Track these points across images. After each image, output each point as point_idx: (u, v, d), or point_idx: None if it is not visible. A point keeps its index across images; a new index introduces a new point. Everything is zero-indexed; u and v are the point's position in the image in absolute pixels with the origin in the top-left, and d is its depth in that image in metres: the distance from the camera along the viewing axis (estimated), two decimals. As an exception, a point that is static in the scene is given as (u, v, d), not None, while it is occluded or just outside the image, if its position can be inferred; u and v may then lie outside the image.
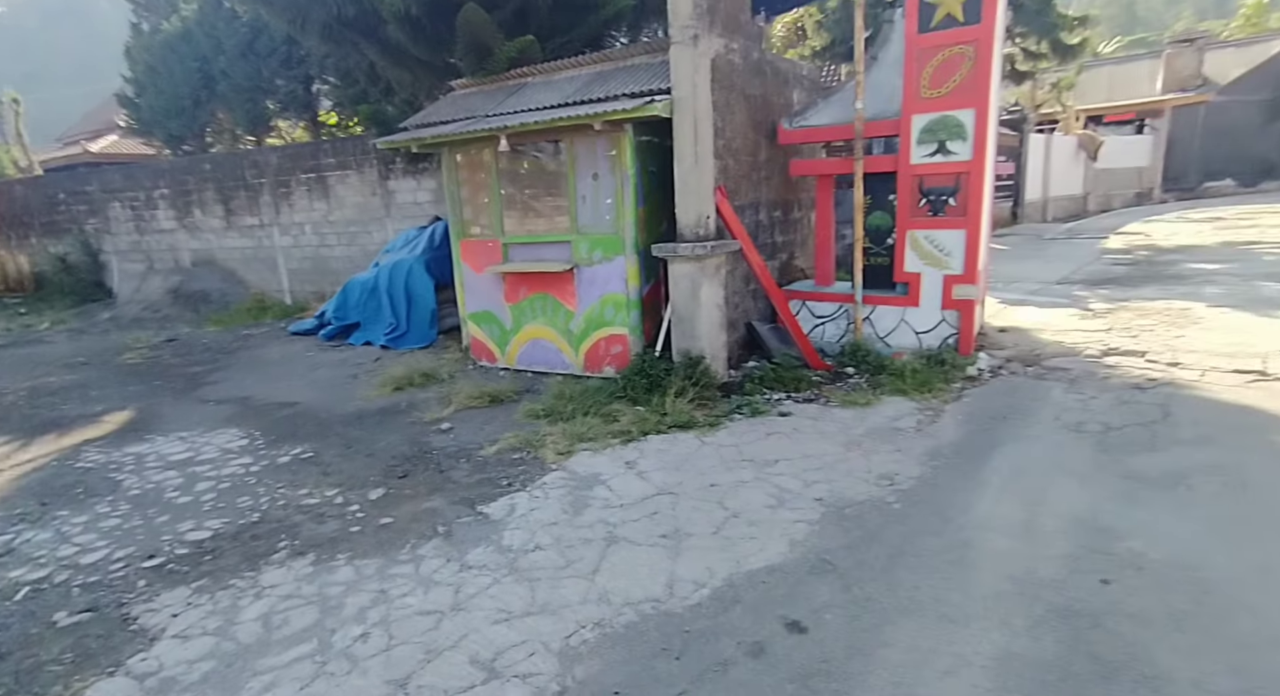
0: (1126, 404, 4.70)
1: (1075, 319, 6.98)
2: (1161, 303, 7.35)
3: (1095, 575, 2.74)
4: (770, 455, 4.32)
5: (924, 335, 6.31)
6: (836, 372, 6.12)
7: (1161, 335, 6.08)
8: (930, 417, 4.84)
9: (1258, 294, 7.33)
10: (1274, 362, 5.10)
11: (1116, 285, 8.62)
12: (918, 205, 6.11)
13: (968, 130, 5.73)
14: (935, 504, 3.51)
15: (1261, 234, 12.97)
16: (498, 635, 2.61)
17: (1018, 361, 5.87)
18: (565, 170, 6.08)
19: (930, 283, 6.16)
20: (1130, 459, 3.84)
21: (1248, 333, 5.87)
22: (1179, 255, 11.04)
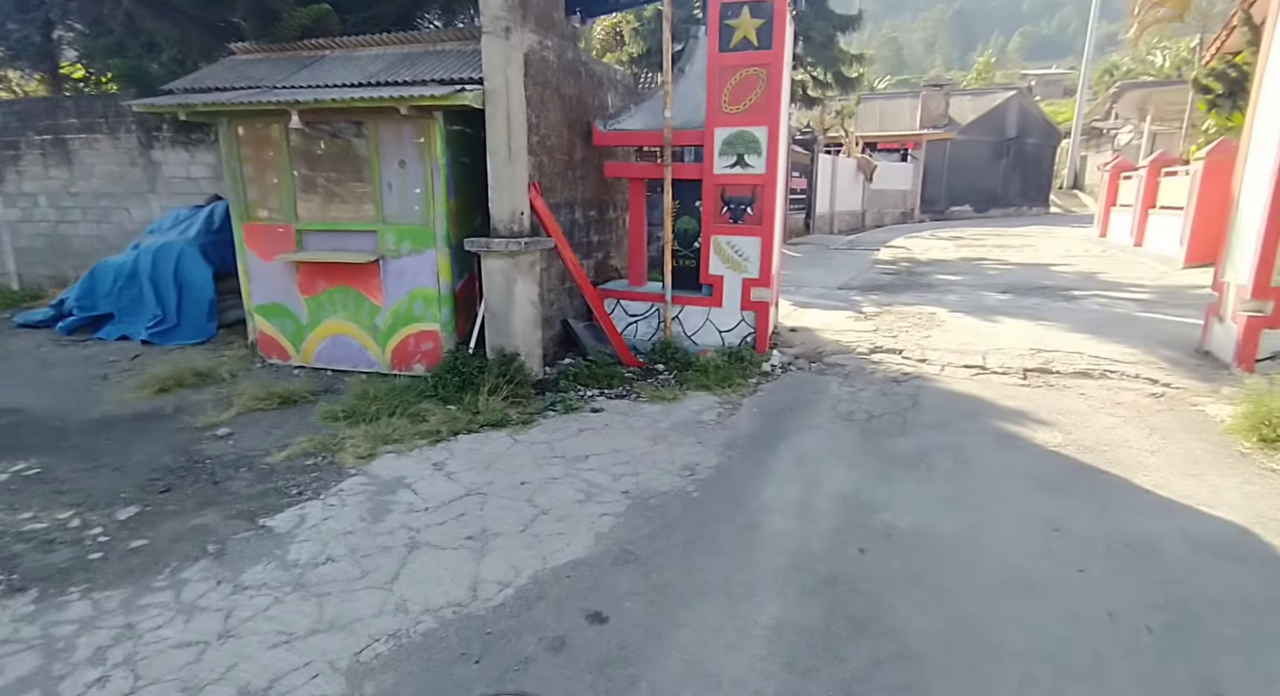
0: (886, 395, 5.44)
1: (851, 320, 7.93)
2: (916, 308, 8.60)
3: (855, 545, 3.14)
4: (582, 451, 4.39)
5: (726, 334, 6.79)
6: (648, 369, 6.37)
7: (914, 336, 7.12)
8: (729, 411, 5.22)
9: (983, 302, 8.87)
10: (991, 359, 6.20)
11: (883, 291, 9.95)
12: (720, 212, 6.56)
13: (762, 146, 6.25)
14: (729, 491, 3.80)
15: (987, 252, 15.69)
16: (275, 660, 2.37)
17: (804, 358, 6.54)
18: (369, 155, 5.68)
19: (731, 285, 6.64)
20: (887, 442, 4.45)
21: (974, 334, 7.08)
22: (931, 267, 13.00)
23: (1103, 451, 4.20)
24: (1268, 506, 3.44)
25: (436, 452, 4.35)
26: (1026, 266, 12.76)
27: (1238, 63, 12.00)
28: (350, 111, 5.47)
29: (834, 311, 8.51)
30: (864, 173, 24.40)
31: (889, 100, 32.64)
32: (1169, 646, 2.40)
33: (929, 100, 28.83)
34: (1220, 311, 5.93)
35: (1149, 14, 16.63)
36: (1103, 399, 5.19)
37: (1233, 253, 5.85)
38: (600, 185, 7.29)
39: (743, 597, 2.75)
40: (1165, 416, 4.79)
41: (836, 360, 6.45)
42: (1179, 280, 10.43)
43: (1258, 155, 5.65)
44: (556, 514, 3.52)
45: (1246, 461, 4.01)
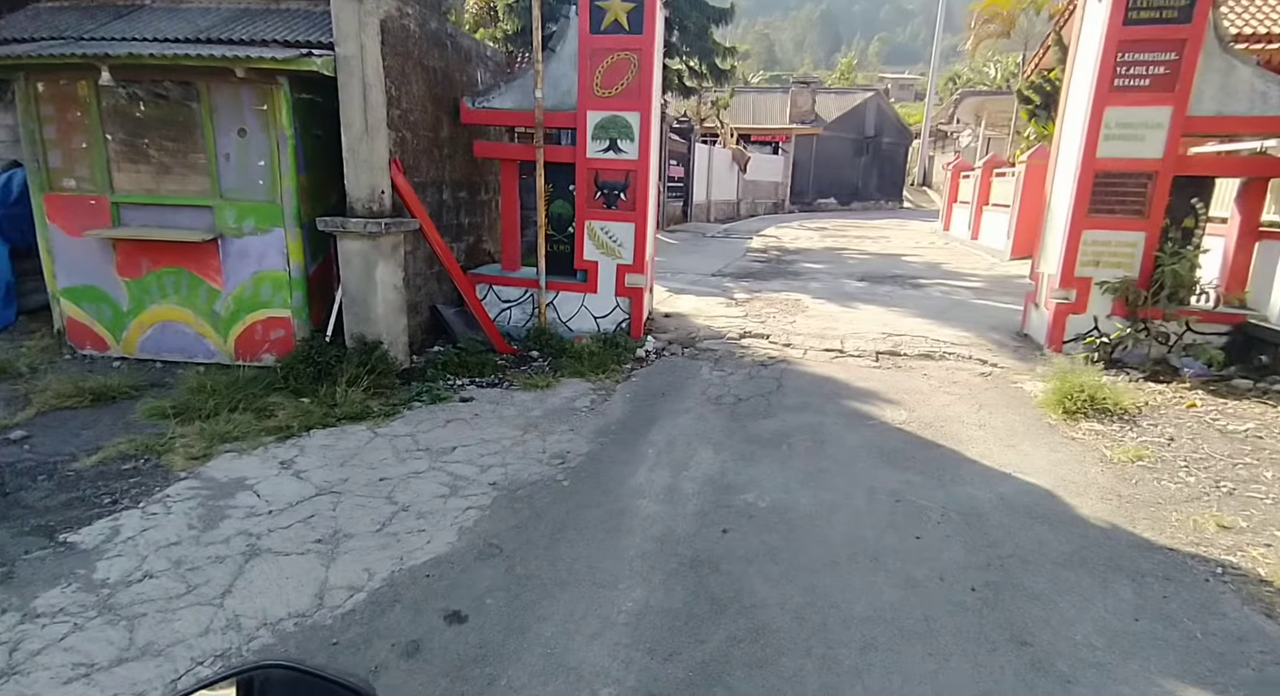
0: (754, 378, 5.65)
1: (723, 306, 8.18)
2: (783, 294, 9.01)
3: (719, 527, 3.23)
4: (448, 442, 4.21)
5: (602, 320, 6.77)
6: (522, 356, 6.23)
7: (781, 321, 7.45)
8: (603, 397, 5.21)
9: (843, 289, 9.45)
10: (848, 343, 6.62)
11: (754, 279, 10.35)
12: (594, 197, 6.50)
13: (635, 131, 6.25)
14: (600, 478, 3.78)
15: (848, 242, 16.77)
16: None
17: (678, 343, 6.65)
18: (200, 121, 5.09)
19: (606, 271, 6.62)
20: (752, 425, 4.62)
21: (835, 320, 7.53)
22: (798, 256, 13.69)
23: (940, 426, 4.60)
24: (1068, 471, 3.90)
25: (285, 450, 4.00)
26: (881, 256, 13.75)
27: (1051, 78, 13.51)
28: (175, 70, 4.85)
29: (708, 297, 8.73)
30: (738, 163, 25.25)
31: (761, 94, 33.90)
32: (988, 602, 2.66)
33: (797, 96, 30.24)
34: (1036, 299, 6.68)
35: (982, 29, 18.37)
36: (942, 378, 5.69)
37: (1046, 247, 6.59)
38: (471, 166, 7.00)
39: (608, 585, 2.74)
40: (991, 393, 5.32)
41: (708, 345, 6.62)
42: (1007, 270, 11.66)
43: (1064, 162, 6.37)
44: (418, 510, 3.34)
45: (1053, 431, 4.54)
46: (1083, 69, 6.12)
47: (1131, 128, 5.75)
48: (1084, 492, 3.64)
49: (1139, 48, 5.62)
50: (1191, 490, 3.65)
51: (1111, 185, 5.88)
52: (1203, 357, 5.56)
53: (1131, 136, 5.76)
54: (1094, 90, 5.77)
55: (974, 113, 24.06)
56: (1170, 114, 5.65)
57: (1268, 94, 5.61)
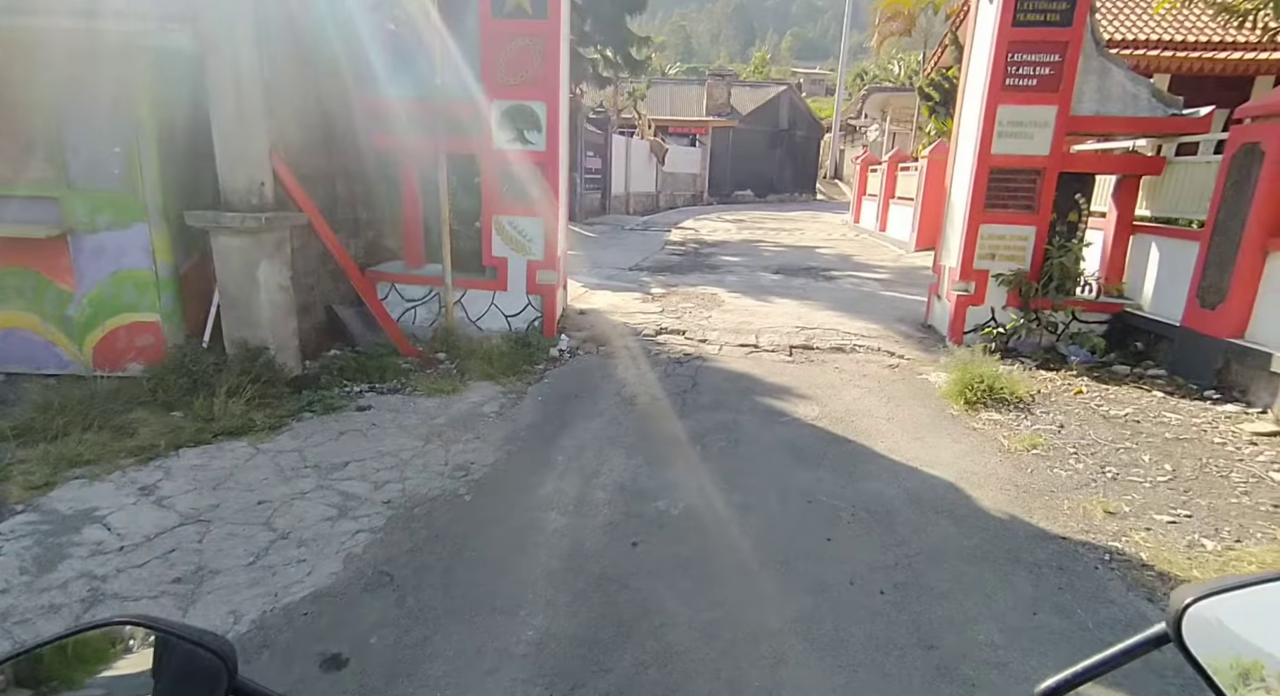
0: (669, 376, 5.56)
1: (639, 302, 8.06)
2: (700, 289, 9.00)
3: (629, 539, 3.09)
4: (341, 457, 3.88)
5: (513, 318, 6.51)
6: (428, 359, 5.89)
7: (697, 317, 7.41)
8: (513, 401, 4.98)
9: (758, 282, 9.54)
10: (763, 338, 6.64)
11: (671, 272, 10.30)
12: (502, 191, 6.22)
13: (542, 121, 6.00)
14: (505, 490, 3.57)
15: (765, 234, 17.05)
16: None
17: (593, 342, 6.48)
18: (40, 100, 4.48)
19: (516, 267, 6.36)
20: (667, 425, 4.51)
21: (750, 314, 7.55)
22: (715, 249, 13.78)
23: (851, 421, 4.64)
24: (970, 463, 4.00)
25: (147, 473, 3.57)
26: (796, 249, 14.03)
27: (950, 76, 14.15)
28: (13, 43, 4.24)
29: (624, 293, 8.60)
30: (656, 155, 25.24)
31: (678, 86, 34.04)
32: (896, 605, 2.64)
33: (713, 89, 30.53)
34: (939, 291, 6.91)
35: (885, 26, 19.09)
36: (852, 371, 5.78)
37: (947, 241, 6.82)
38: (369, 157, 6.54)
39: (509, 612, 2.55)
40: (899, 386, 5.44)
41: (624, 343, 6.48)
42: (912, 262, 12.13)
43: (962, 158, 6.60)
44: (300, 537, 3.04)
45: (955, 422, 4.67)
46: (977, 68, 6.34)
47: (1022, 126, 6.00)
48: (984, 484, 3.73)
49: (1027, 48, 5.85)
50: (1080, 477, 3.81)
51: (1005, 181, 6.13)
52: (1087, 346, 5.89)
53: (1022, 134, 6.01)
54: (988, 89, 5.97)
55: (880, 108, 25.03)
56: (1055, 113, 5.92)
57: (1138, 96, 5.97)
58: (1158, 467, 3.91)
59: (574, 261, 11.07)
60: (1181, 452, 4.10)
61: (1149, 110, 5.95)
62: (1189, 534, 3.19)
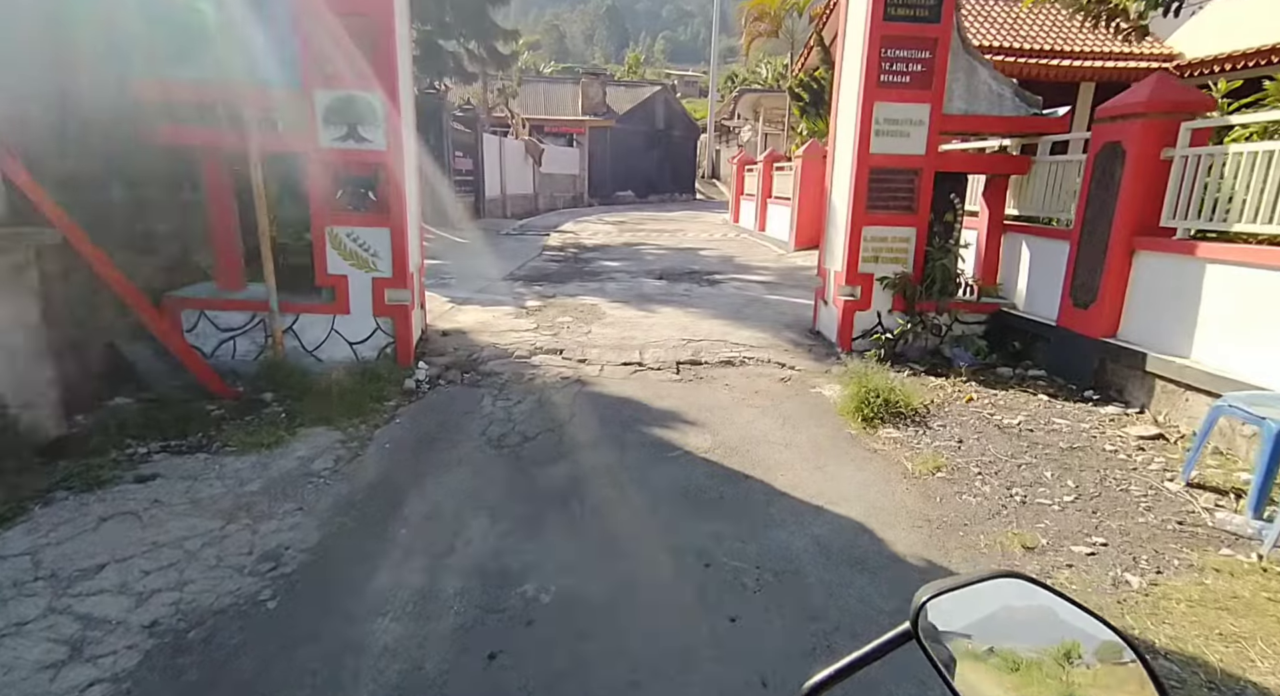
0: (544, 406, 4.87)
1: (512, 318, 7.29)
2: (579, 299, 8.35)
3: (485, 650, 2.39)
4: (95, 557, 2.90)
5: (359, 346, 5.57)
6: (249, 401, 4.87)
7: (576, 332, 6.75)
8: (354, 451, 4.12)
9: (641, 290, 9.03)
10: (648, 354, 6.10)
11: (549, 282, 9.57)
12: (335, 197, 5.28)
13: (379, 115, 5.13)
14: (326, 587, 2.76)
15: (646, 236, 16.69)
16: None
17: (456, 368, 5.66)
18: None
19: (359, 286, 5.43)
20: (541, 473, 3.83)
21: (633, 327, 7.00)
22: (596, 253, 13.18)
23: (746, 451, 4.17)
24: (876, 494, 3.63)
25: None
26: (678, 251, 13.72)
27: (818, 77, 14.39)
28: None
29: (495, 307, 7.79)
30: (532, 155, 24.32)
31: (553, 85, 33.23)
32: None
33: (588, 87, 29.98)
34: (825, 296, 6.68)
35: (753, 27, 19.36)
36: (743, 388, 5.35)
37: (830, 244, 6.59)
38: (162, 156, 5.35)
39: (302, 806, 1.78)
40: (793, 403, 5.07)
41: (493, 367, 5.72)
42: (793, 261, 12.12)
43: (841, 159, 6.38)
44: (-5, 707, 2.09)
45: (855, 444, 4.32)
46: (851, 66, 6.12)
47: (898, 124, 5.82)
48: (895, 521, 3.35)
49: (899, 44, 5.67)
50: (990, 503, 3.52)
51: (885, 181, 5.94)
52: (971, 349, 5.80)
53: (899, 133, 5.84)
54: (863, 86, 5.74)
55: (753, 108, 25.50)
56: (929, 111, 5.79)
57: (1002, 95, 5.97)
58: (1061, 484, 3.70)
59: (442, 272, 10.10)
60: (1079, 464, 3.94)
61: (1013, 109, 5.96)
62: (1110, 568, 2.93)
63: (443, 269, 10.51)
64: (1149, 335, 4.70)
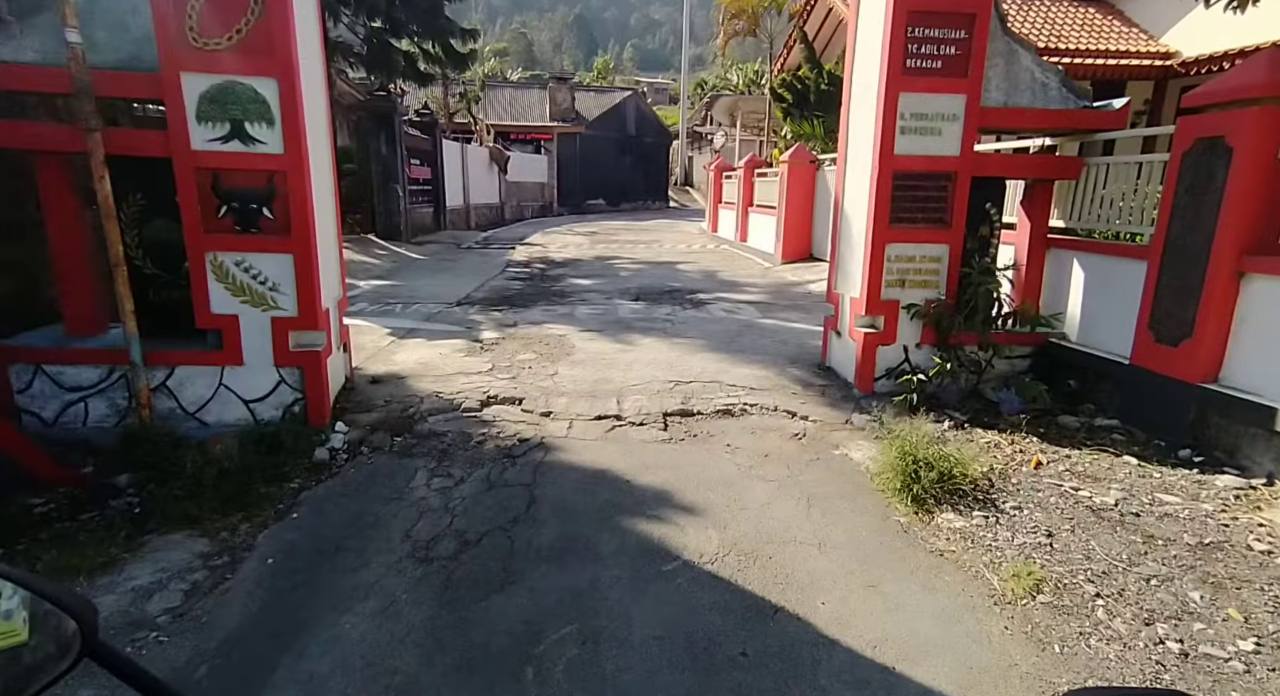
0: (494, 489, 3.70)
1: (463, 356, 6.08)
2: (546, 328, 7.17)
3: None
4: None
5: (257, 405, 4.35)
6: (100, 486, 3.63)
7: (540, 374, 5.58)
8: (219, 574, 2.92)
9: (617, 314, 7.88)
10: (627, 402, 4.95)
11: (511, 306, 8.37)
12: (217, 215, 4.06)
13: (274, 109, 3.93)
14: None
15: (620, 248, 15.57)
16: None
17: (386, 430, 4.46)
18: None
19: (254, 329, 4.21)
20: (479, 614, 2.66)
21: (609, 365, 5.84)
22: (566, 269, 12.01)
23: (768, 559, 3.04)
24: (965, 639, 2.52)
25: None
26: (656, 265, 12.61)
27: (801, 76, 13.44)
28: None
29: (445, 341, 6.57)
30: (498, 163, 23.07)
31: (519, 90, 32.03)
32: None
33: (555, 93, 28.85)
34: (838, 325, 5.60)
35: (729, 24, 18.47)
36: (750, 450, 4.23)
37: (843, 264, 5.52)
38: (-17, 162, 4.09)
39: None
40: (816, 471, 3.96)
41: (434, 425, 4.53)
42: (781, 276, 11.09)
43: (855, 164, 5.33)
44: None
45: (911, 542, 3.22)
46: (867, 49, 5.07)
47: (927, 119, 4.79)
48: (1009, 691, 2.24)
49: (929, 22, 4.64)
50: (1135, 654, 2.44)
51: (912, 188, 4.89)
52: (1029, 393, 4.76)
53: (928, 130, 4.80)
54: (885, 74, 4.70)
55: (728, 113, 24.59)
56: (965, 103, 4.77)
57: (1047, 85, 4.98)
58: (1220, 613, 2.64)
59: (387, 295, 8.84)
60: (1227, 575, 2.88)
61: (1060, 101, 4.97)
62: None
63: (389, 291, 9.25)
64: (1271, 382, 3.69)
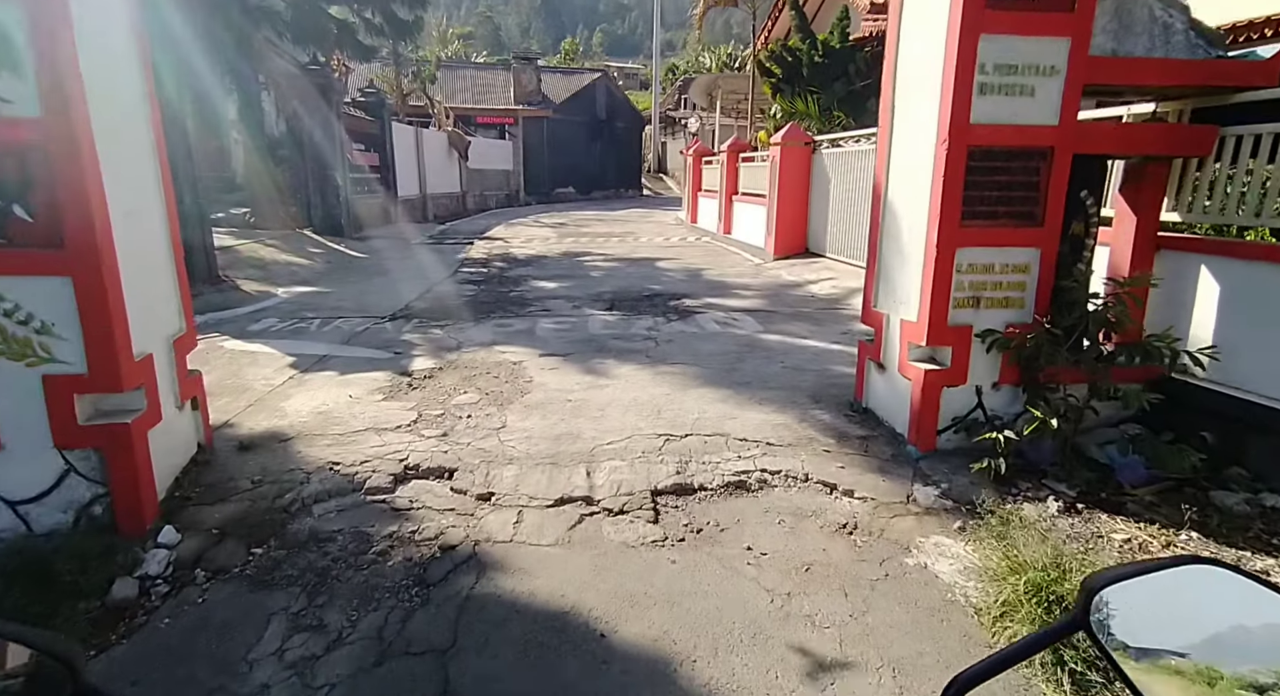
0: (386, 662, 2.27)
1: (380, 398, 4.59)
2: (497, 353, 5.69)
3: None
4: None
5: (31, 508, 2.84)
6: None
7: (481, 426, 4.12)
8: None
9: (587, 330, 6.43)
10: (600, 476, 3.52)
11: (456, 320, 6.85)
12: (-71, 218, 2.50)
13: (19, 49, 2.41)
14: None
15: (591, 242, 14.09)
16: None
17: (241, 535, 2.98)
18: None
19: (13, 393, 2.70)
20: None
21: (574, 408, 4.41)
22: (528, 269, 10.51)
23: None
24: None
25: None
26: (632, 262, 11.17)
27: (792, 47, 12.01)
28: None
29: (363, 374, 5.07)
30: (457, 149, 21.33)
31: (482, 71, 30.13)
32: None
33: (520, 74, 27.07)
34: (881, 356, 4.22)
35: (710, -8, 16.97)
36: (781, 561, 2.86)
37: (888, 274, 4.14)
38: None
39: None
40: (888, 605, 2.59)
41: (319, 522, 3.08)
42: (776, 275, 9.74)
43: (906, 139, 3.94)
44: None
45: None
46: (925, -22, 3.67)
47: (1017, 73, 3.41)
48: None
49: (1023, -67, 3.25)
50: None
51: (994, 172, 3.53)
52: (1154, 455, 3.44)
53: (1017, 88, 3.43)
54: (962, 6, 3.30)
55: (706, 94, 23.06)
56: (1068, 50, 3.40)
57: (1170, 27, 3.63)
58: None
59: (304, 308, 7.24)
60: None
61: (1186, 49, 3.63)
62: None
63: (310, 302, 7.66)
64: None
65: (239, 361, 5.20)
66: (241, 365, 5.09)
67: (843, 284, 8.48)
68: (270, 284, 8.34)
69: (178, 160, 7.28)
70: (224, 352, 5.44)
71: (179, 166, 7.28)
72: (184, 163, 7.23)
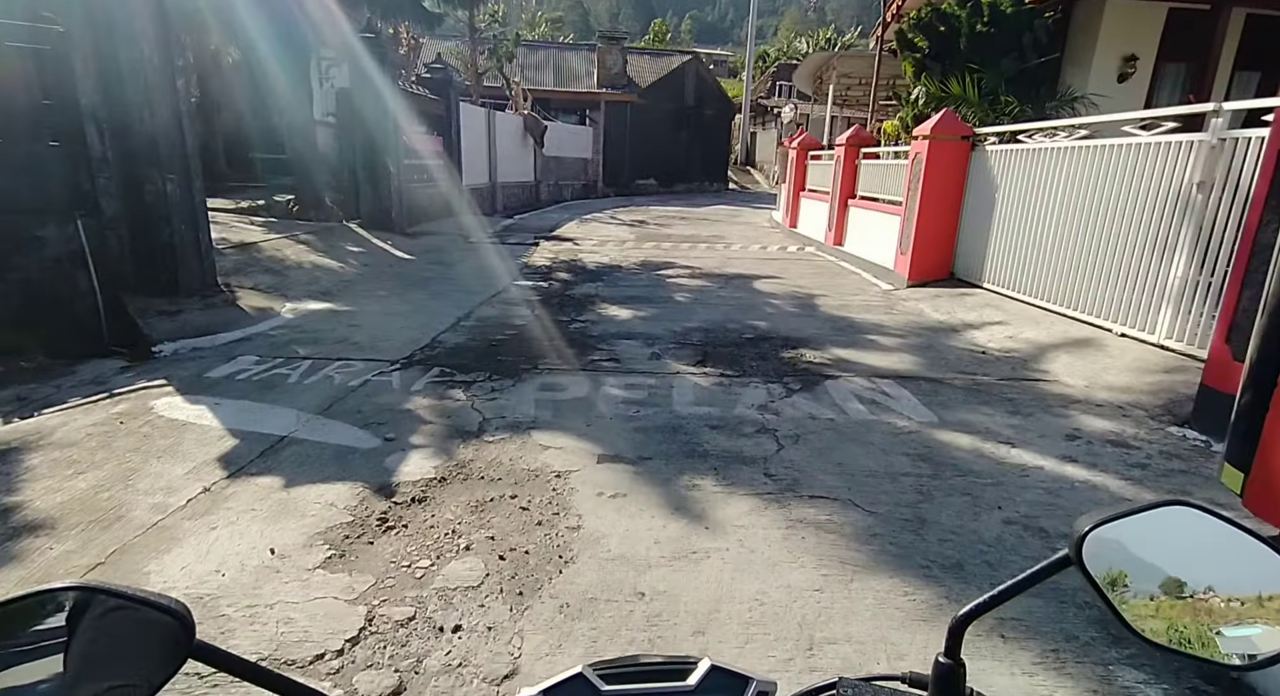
0: None
1: (317, 562, 2.69)
2: (532, 443, 3.77)
3: None
4: None
5: None
6: None
7: (470, 672, 2.18)
8: None
9: (671, 403, 4.40)
10: None
11: (490, 372, 4.96)
12: None
13: None
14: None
15: (674, 248, 12.07)
16: None
17: None
18: None
19: None
20: None
21: (650, 618, 2.42)
22: (598, 284, 8.59)
23: None
24: None
25: None
26: (725, 281, 9.08)
27: (945, 12, 9.51)
28: None
29: (316, 489, 3.22)
30: (532, 134, 19.68)
31: (564, 52, 28.46)
32: None
33: (605, 55, 25.20)
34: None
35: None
36: None
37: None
38: None
39: None
40: None
41: None
42: (917, 309, 7.44)
43: None
44: None
45: None
46: None
47: None
48: None
49: None
50: None
51: None
52: None
53: None
54: None
55: (814, 77, 20.47)
56: None
57: None
58: None
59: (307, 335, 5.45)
60: None
61: None
62: None
63: (316, 327, 5.95)
64: None
65: (152, 444, 3.49)
66: (150, 454, 3.38)
67: (1022, 333, 6.13)
68: (279, 296, 6.74)
69: (155, 133, 5.72)
70: (143, 422, 3.75)
71: (159, 142, 5.71)
72: (165, 135, 5.67)
